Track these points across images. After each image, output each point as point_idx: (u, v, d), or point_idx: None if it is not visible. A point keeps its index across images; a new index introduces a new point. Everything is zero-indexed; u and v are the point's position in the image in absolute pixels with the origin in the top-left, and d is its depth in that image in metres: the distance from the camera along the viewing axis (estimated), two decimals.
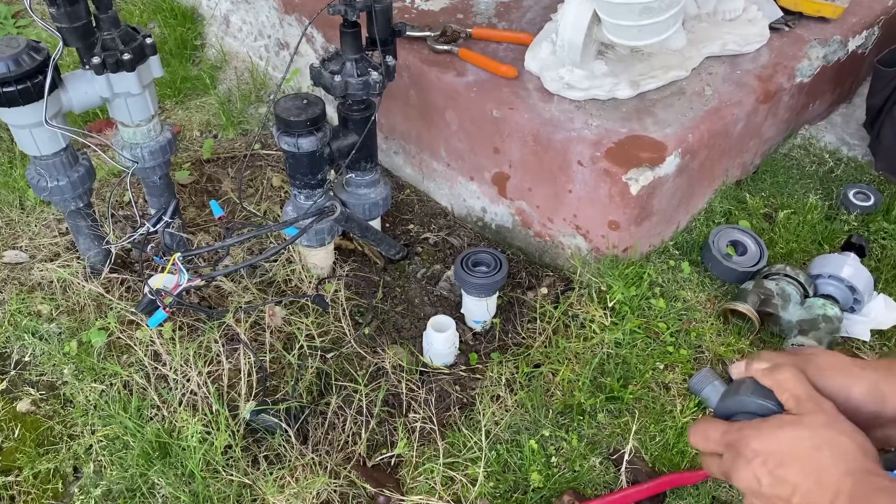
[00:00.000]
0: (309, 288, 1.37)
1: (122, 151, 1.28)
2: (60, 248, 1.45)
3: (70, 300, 1.36)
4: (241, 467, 1.13)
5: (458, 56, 1.45)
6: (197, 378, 1.20)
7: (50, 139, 1.18)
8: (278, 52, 1.84)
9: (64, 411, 1.24)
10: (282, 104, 1.21)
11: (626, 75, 1.37)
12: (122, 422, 1.17)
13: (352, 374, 1.24)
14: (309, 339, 1.27)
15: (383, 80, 1.23)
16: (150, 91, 1.24)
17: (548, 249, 1.46)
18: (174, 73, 1.93)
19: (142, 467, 1.13)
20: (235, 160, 1.71)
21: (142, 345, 1.26)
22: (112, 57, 1.14)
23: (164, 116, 1.86)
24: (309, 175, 1.26)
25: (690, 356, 1.28)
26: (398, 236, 1.53)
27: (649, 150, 1.28)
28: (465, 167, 1.50)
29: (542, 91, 1.38)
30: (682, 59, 1.42)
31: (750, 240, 1.43)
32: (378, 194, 1.40)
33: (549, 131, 1.31)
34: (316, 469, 1.14)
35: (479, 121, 1.40)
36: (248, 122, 1.82)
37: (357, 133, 1.29)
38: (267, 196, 1.59)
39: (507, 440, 1.18)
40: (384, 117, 1.60)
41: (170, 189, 1.39)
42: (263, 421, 1.18)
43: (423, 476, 1.14)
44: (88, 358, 1.26)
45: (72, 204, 1.28)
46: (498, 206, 1.49)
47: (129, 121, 1.24)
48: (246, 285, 1.36)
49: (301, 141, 1.20)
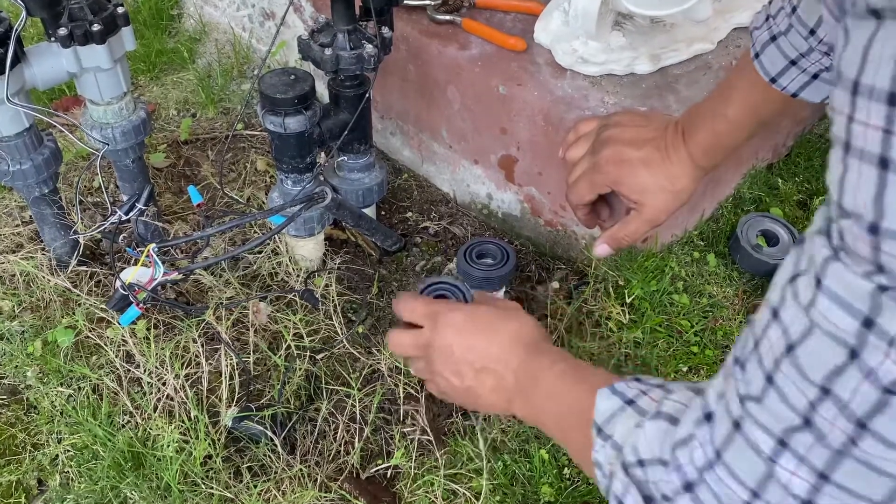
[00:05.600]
0: (297, 282, 1.37)
1: (91, 132, 1.28)
2: (23, 239, 1.45)
3: (34, 295, 1.35)
4: (223, 479, 1.13)
5: (461, 27, 1.44)
6: (174, 381, 1.20)
7: (12, 119, 1.17)
8: (263, 23, 1.83)
9: (27, 418, 1.24)
10: (267, 80, 1.20)
11: (646, 48, 1.36)
12: (92, 429, 1.17)
13: (344, 377, 1.24)
14: (297, 338, 1.27)
15: (378, 53, 1.22)
16: (122, 66, 1.23)
17: (560, 240, 1.45)
18: (148, 46, 1.92)
19: (113, 479, 1.13)
20: (216, 142, 1.70)
21: (113, 345, 1.26)
22: (80, 28, 1.13)
23: (138, 94, 1.85)
24: (297, 158, 1.26)
25: (717, 357, 1.28)
26: (395, 225, 1.52)
27: None
28: (468, 149, 1.50)
29: (554, 66, 1.37)
30: (707, 30, 1.41)
31: (782, 229, 1.43)
32: (373, 179, 1.39)
33: (561, 110, 1.30)
34: (304, 482, 1.13)
35: (485, 98, 1.39)
36: (230, 99, 1.82)
37: (350, 112, 1.28)
38: (251, 181, 1.58)
39: (514, 450, 1.18)
40: (380, 94, 1.59)
41: (144, 173, 1.38)
42: (247, 429, 1.17)
43: (422, 489, 1.14)
44: (54, 359, 1.26)
45: (36, 190, 1.27)
46: (505, 192, 1.49)
47: (99, 98, 1.24)
48: (227, 279, 1.36)
49: (288, 120, 1.20)
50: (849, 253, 0.45)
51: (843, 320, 0.45)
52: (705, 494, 0.57)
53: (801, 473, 0.50)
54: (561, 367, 0.84)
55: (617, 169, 0.99)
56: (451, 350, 0.90)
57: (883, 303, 0.42)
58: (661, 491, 0.61)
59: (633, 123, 1.02)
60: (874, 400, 0.44)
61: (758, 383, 0.52)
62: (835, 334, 0.45)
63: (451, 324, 0.91)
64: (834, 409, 0.46)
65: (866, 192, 0.43)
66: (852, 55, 0.43)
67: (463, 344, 0.89)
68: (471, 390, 0.90)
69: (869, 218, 0.43)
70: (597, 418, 0.71)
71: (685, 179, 0.98)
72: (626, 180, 0.99)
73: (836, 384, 0.46)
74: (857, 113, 0.42)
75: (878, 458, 0.46)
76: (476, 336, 0.89)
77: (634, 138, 0.99)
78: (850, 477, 0.48)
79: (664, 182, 0.97)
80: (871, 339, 0.43)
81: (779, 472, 0.51)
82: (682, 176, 0.97)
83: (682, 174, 0.97)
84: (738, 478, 0.54)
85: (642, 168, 0.98)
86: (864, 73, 0.42)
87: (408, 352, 0.98)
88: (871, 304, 0.43)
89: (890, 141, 0.41)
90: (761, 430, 0.52)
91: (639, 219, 1.01)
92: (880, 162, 0.42)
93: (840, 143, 0.44)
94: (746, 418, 0.53)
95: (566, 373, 0.82)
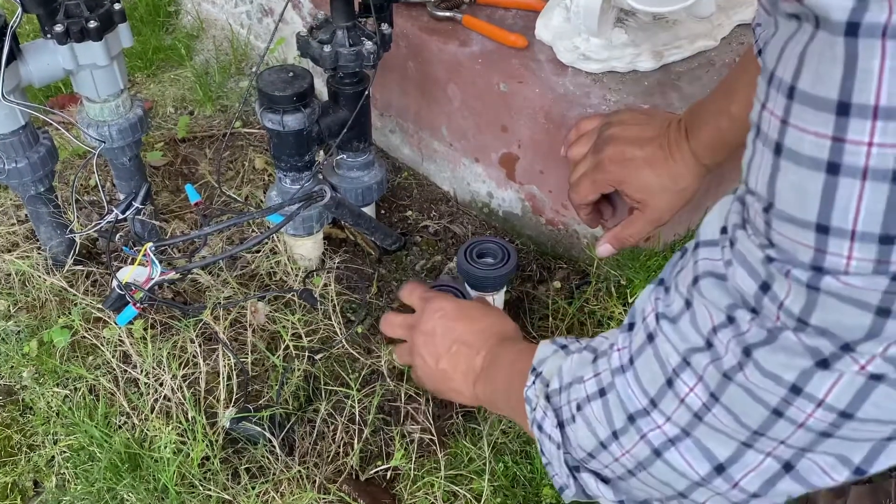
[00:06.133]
0: (295, 282, 1.36)
1: (87, 130, 1.27)
2: (19, 238, 1.45)
3: (30, 295, 1.35)
4: (220, 481, 1.13)
5: (461, 23, 1.44)
6: (171, 382, 1.20)
7: (7, 116, 1.17)
8: (261, 20, 1.83)
9: (23, 419, 1.23)
10: (265, 77, 1.20)
11: (649, 45, 1.36)
12: (88, 430, 1.17)
13: (343, 378, 1.24)
14: (295, 338, 1.27)
15: (378, 50, 1.22)
16: (119, 63, 1.23)
17: (561, 239, 1.45)
18: (145, 43, 1.92)
19: (109, 481, 1.13)
20: (214, 140, 1.70)
21: (109, 345, 1.26)
22: (76, 25, 1.13)
23: (135, 91, 1.85)
24: (295, 156, 1.26)
25: None
26: (395, 224, 1.52)
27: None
28: (469, 147, 1.49)
29: (555, 63, 1.37)
30: (710, 27, 1.41)
31: None
32: (372, 178, 1.39)
33: (562, 107, 1.30)
34: (303, 483, 1.13)
35: (485, 96, 1.39)
36: (228, 97, 1.81)
37: (349, 109, 1.28)
38: (249, 179, 1.58)
39: (515, 451, 1.18)
40: (379, 92, 1.59)
41: (140, 172, 1.38)
42: (245, 430, 1.17)
43: (422, 491, 1.14)
44: (50, 359, 1.26)
45: (32, 188, 1.27)
46: (506, 190, 1.49)
47: (96, 96, 1.24)
48: (225, 279, 1.35)
49: (286, 118, 1.19)
50: (751, 224, 0.51)
51: (744, 280, 0.52)
52: (613, 398, 0.64)
53: (697, 390, 0.56)
54: (522, 346, 0.92)
55: (620, 168, 0.99)
56: (434, 332, 0.99)
57: (773, 272, 0.49)
58: (572, 410, 0.70)
59: (636, 121, 1.02)
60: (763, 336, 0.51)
61: (677, 305, 0.59)
62: (742, 291, 0.52)
63: (438, 309, 1.01)
64: (730, 335, 0.53)
65: (763, 174, 0.49)
66: (773, 49, 0.47)
67: (445, 326, 0.99)
68: (444, 373, 0.98)
69: (764, 197, 0.49)
70: (534, 361, 0.80)
71: (689, 178, 0.98)
72: (630, 179, 0.99)
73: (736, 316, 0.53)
74: (768, 102, 0.48)
75: (756, 385, 0.52)
76: (457, 322, 0.99)
77: (637, 137, 0.99)
78: (733, 400, 0.54)
79: (667, 181, 0.98)
80: (765, 301, 0.50)
81: (679, 385, 0.57)
82: (685, 174, 0.97)
83: (685, 173, 0.97)
84: (643, 385, 0.61)
85: (645, 167, 0.98)
86: (778, 66, 0.47)
87: (396, 332, 1.10)
88: (766, 272, 0.50)
89: (785, 130, 0.46)
90: (671, 345, 0.58)
91: (642, 218, 1.01)
92: (776, 148, 0.47)
93: (754, 126, 0.50)
94: (660, 334, 0.59)
95: (525, 349, 0.88)
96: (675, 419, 0.59)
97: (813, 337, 0.48)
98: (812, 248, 0.46)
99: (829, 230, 0.45)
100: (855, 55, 0.41)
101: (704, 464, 0.58)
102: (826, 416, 0.50)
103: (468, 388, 0.97)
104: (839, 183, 0.44)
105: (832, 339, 0.48)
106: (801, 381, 0.50)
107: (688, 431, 0.58)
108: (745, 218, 0.53)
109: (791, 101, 0.45)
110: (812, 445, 0.53)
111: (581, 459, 0.71)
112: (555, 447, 0.73)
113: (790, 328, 0.49)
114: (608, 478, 0.70)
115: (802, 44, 0.44)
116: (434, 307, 1.02)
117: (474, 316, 1.01)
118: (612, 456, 0.65)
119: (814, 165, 0.44)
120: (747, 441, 0.55)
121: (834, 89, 0.42)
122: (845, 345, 0.47)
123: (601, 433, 0.66)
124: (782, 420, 0.52)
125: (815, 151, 0.44)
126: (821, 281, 0.46)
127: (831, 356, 0.48)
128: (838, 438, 0.52)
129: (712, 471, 0.58)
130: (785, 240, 0.48)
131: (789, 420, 0.52)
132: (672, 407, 0.59)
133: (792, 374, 0.50)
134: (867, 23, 0.40)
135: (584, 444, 0.69)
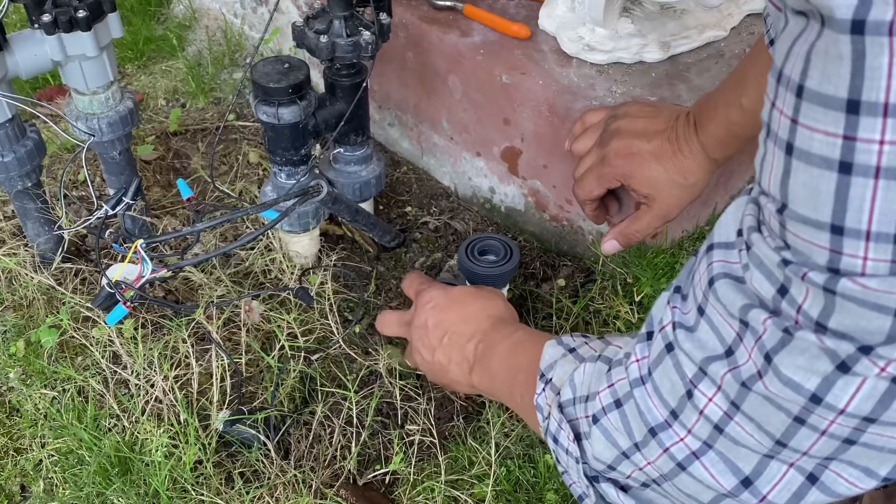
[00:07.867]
0: (291, 280, 1.36)
1: (76, 123, 1.27)
2: (5, 235, 1.44)
3: (17, 294, 1.35)
4: (213, 485, 1.13)
5: (462, 13, 1.43)
6: (162, 383, 1.19)
7: None
8: (255, 9, 1.82)
9: (10, 421, 1.23)
10: (260, 69, 1.20)
11: (656, 35, 1.35)
12: (77, 433, 1.17)
13: (340, 379, 1.24)
14: (291, 338, 1.27)
15: (376, 40, 1.22)
16: (109, 54, 1.22)
17: (565, 235, 1.45)
18: (136, 33, 1.92)
19: (99, 485, 1.13)
20: (206, 133, 1.70)
21: (99, 345, 1.26)
22: (65, 14, 1.12)
23: (125, 83, 1.85)
24: (291, 150, 1.25)
25: None
26: (393, 220, 1.52)
27: None
28: (470, 141, 1.49)
29: (559, 53, 1.36)
30: (719, 16, 1.41)
31: None
32: (370, 172, 1.39)
33: (567, 100, 1.30)
34: (299, 488, 1.13)
35: (487, 88, 1.38)
36: (221, 89, 1.81)
37: (346, 102, 1.28)
38: (243, 174, 1.58)
39: (518, 455, 1.18)
40: (377, 83, 1.58)
41: (131, 166, 1.38)
42: (238, 432, 1.17)
43: (422, 496, 1.13)
44: (38, 360, 1.26)
45: (18, 183, 1.27)
46: (508, 185, 1.48)
47: (85, 88, 1.23)
48: (218, 277, 1.35)
49: (282, 111, 1.19)
50: (766, 226, 0.52)
51: (762, 284, 0.52)
52: (631, 409, 0.64)
53: (717, 400, 0.56)
54: (519, 335, 0.93)
55: (626, 162, 0.99)
56: (427, 325, 1.02)
57: (789, 276, 0.49)
58: (589, 423, 0.69)
59: (643, 114, 1.02)
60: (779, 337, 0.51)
61: (693, 314, 0.59)
62: (760, 296, 0.52)
63: (429, 300, 1.04)
64: (752, 340, 0.53)
65: (776, 174, 0.49)
66: (782, 46, 0.48)
67: (436, 318, 1.02)
68: (440, 365, 1.00)
69: (777, 198, 0.49)
70: (541, 365, 0.81)
71: (698, 172, 0.97)
72: (636, 174, 0.98)
73: (748, 318, 0.53)
74: (777, 100, 0.48)
75: (776, 394, 0.52)
76: (447, 311, 1.02)
77: (644, 130, 0.99)
78: (754, 408, 0.54)
79: (676, 175, 0.97)
80: (783, 305, 0.50)
81: (698, 396, 0.58)
82: (694, 169, 0.97)
83: (694, 167, 0.97)
84: (662, 396, 0.61)
85: (653, 161, 0.97)
86: (786, 64, 0.47)
87: (393, 330, 1.13)
88: (783, 275, 0.50)
89: (795, 129, 0.46)
90: (686, 356, 0.58)
91: (649, 214, 1.01)
92: (787, 148, 0.47)
93: (765, 125, 0.50)
94: (677, 344, 0.60)
95: (523, 340, 0.90)
96: (696, 432, 0.59)
97: (832, 339, 0.48)
98: (827, 250, 0.46)
99: (843, 231, 0.45)
100: (862, 53, 0.41)
101: (730, 477, 0.58)
102: (849, 421, 0.50)
103: (465, 377, 0.99)
104: (851, 182, 0.44)
105: (851, 341, 0.48)
106: (822, 387, 0.50)
107: (710, 444, 0.59)
108: (759, 220, 0.53)
109: (800, 100, 0.45)
110: (835, 454, 0.53)
111: (600, 471, 0.71)
112: (573, 461, 0.73)
113: (810, 329, 0.49)
114: (628, 486, 0.70)
115: (809, 42, 0.44)
116: (425, 299, 1.05)
117: (464, 300, 1.03)
118: (634, 466, 0.66)
119: (825, 165, 0.45)
120: (770, 452, 0.56)
121: (842, 87, 0.43)
122: (864, 347, 0.47)
123: (622, 443, 0.66)
124: (804, 427, 0.52)
125: (826, 150, 0.44)
126: (837, 284, 0.46)
127: (851, 359, 0.48)
128: (862, 446, 0.52)
129: (739, 484, 0.58)
130: (800, 241, 0.48)
131: (812, 427, 0.52)
132: (693, 419, 0.59)
133: (813, 381, 0.50)
134: (872, 20, 0.40)
135: (602, 457, 0.69)
